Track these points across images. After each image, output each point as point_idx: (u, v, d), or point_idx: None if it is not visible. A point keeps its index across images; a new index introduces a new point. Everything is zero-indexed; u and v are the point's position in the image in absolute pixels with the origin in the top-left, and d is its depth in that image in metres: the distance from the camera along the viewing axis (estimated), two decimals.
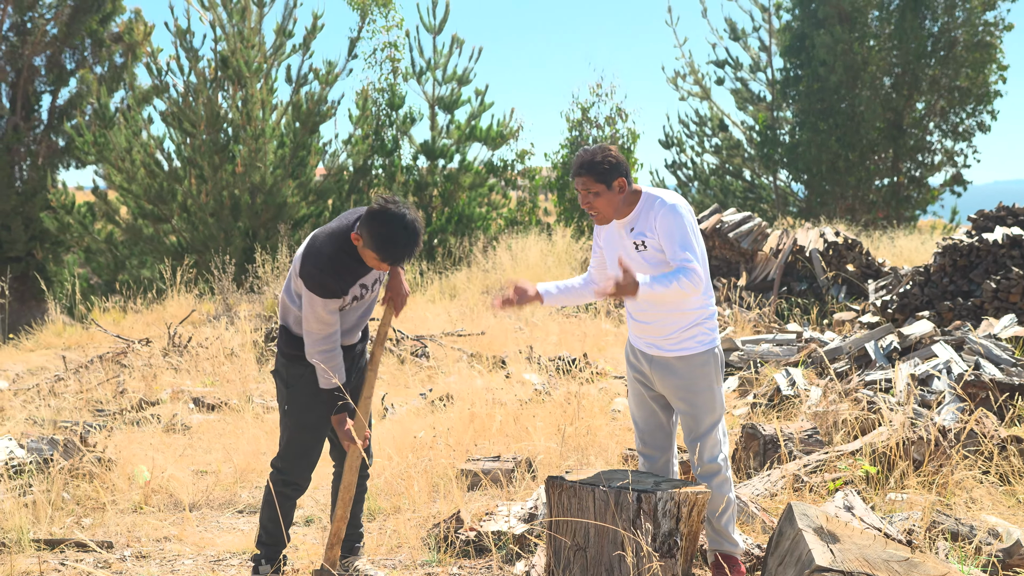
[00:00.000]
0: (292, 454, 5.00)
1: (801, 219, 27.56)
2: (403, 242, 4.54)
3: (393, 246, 4.54)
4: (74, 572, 5.40)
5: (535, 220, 24.31)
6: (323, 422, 4.97)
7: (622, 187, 4.75)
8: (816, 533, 4.15)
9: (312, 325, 4.72)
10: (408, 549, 5.63)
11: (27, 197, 25.62)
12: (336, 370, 4.76)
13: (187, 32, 20.10)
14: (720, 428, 4.85)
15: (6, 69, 26.33)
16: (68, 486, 6.73)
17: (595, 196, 4.76)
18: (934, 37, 27.62)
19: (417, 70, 23.64)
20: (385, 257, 4.58)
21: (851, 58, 27.35)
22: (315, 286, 4.63)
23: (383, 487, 6.64)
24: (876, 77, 27.69)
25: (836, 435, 7.10)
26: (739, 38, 30.37)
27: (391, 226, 4.52)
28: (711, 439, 4.81)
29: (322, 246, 4.69)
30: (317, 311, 4.68)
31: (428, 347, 11.58)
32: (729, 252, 14.44)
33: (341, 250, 4.68)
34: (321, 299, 4.65)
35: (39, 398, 9.73)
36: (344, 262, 4.68)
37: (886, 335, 8.91)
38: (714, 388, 4.82)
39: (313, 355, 4.75)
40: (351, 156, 22.16)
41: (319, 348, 4.74)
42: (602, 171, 4.73)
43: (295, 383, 4.94)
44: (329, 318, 4.71)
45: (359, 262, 4.72)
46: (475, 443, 7.37)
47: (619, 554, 4.45)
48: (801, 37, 28.22)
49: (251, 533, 6.17)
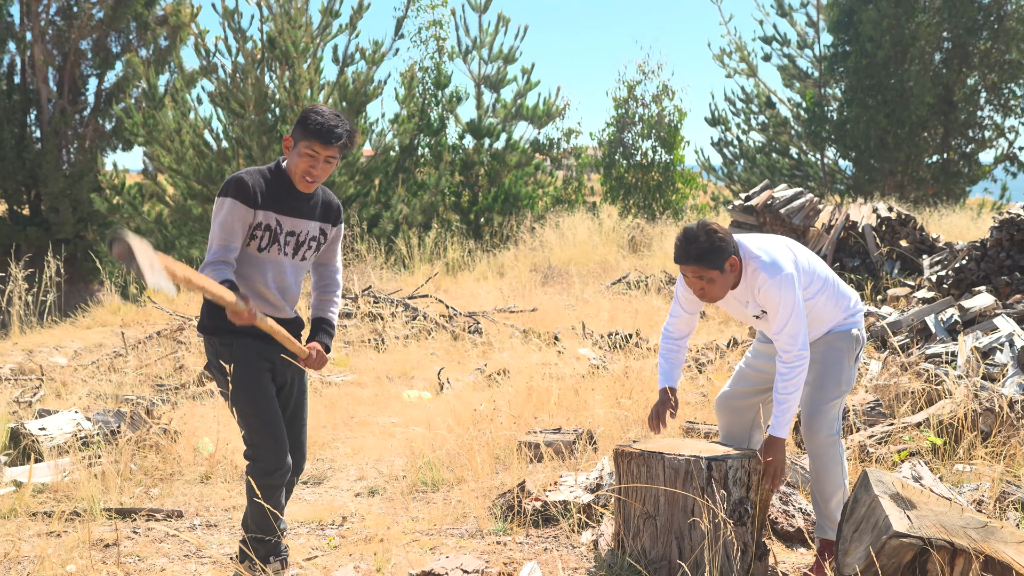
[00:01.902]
0: (259, 440, 4.55)
1: (849, 196, 27.31)
2: (332, 117, 4.38)
3: (323, 119, 4.36)
4: (147, 540, 5.49)
5: (581, 199, 24.26)
6: (271, 393, 4.59)
7: (733, 265, 4.51)
8: (892, 499, 4.13)
9: (215, 236, 4.34)
10: (474, 519, 5.66)
11: (75, 180, 25.89)
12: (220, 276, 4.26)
13: (235, 12, 20.16)
14: (839, 406, 4.71)
15: (53, 53, 26.59)
16: (135, 457, 6.83)
17: (709, 282, 4.52)
18: (984, 10, 27.19)
19: (463, 49, 23.63)
20: (316, 134, 4.36)
21: (899, 33, 27.00)
22: (226, 187, 4.34)
23: (444, 459, 6.68)
24: (925, 52, 27.31)
25: (899, 407, 7.05)
26: (786, 14, 30.04)
27: (320, 109, 4.40)
28: (828, 415, 4.67)
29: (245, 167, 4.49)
30: (223, 217, 4.33)
31: (481, 324, 11.61)
32: (780, 228, 14.33)
33: (267, 170, 4.50)
34: (231, 200, 4.33)
35: (100, 373, 9.86)
36: (265, 178, 4.45)
37: (947, 308, 8.83)
38: (843, 364, 4.71)
39: (204, 268, 4.28)
40: (397, 136, 22.18)
41: (214, 259, 4.32)
42: (713, 258, 4.44)
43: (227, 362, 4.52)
44: (234, 227, 4.35)
45: (283, 187, 4.47)
46: (535, 416, 7.39)
47: (693, 520, 4.45)
48: (849, 12, 27.88)
49: (317, 503, 6.24)
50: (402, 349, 10.68)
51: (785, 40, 30.16)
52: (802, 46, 30.18)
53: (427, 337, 11.21)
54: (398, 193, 21.50)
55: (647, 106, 23.75)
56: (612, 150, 23.92)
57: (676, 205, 23.11)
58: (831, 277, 4.73)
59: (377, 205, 21.00)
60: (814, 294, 4.63)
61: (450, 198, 22.77)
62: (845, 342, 4.70)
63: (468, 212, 22.68)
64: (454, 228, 21.24)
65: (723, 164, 30.38)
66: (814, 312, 4.65)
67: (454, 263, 17.93)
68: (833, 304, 4.70)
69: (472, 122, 23.31)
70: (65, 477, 6.35)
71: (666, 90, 23.77)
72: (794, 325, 4.44)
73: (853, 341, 4.72)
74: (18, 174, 25.82)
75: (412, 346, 10.79)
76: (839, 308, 4.72)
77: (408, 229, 20.67)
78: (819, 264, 4.73)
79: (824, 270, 4.73)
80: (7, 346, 12.14)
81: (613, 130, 23.98)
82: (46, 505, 6.05)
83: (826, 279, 4.69)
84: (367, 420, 8.13)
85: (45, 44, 26.47)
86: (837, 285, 4.74)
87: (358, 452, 7.29)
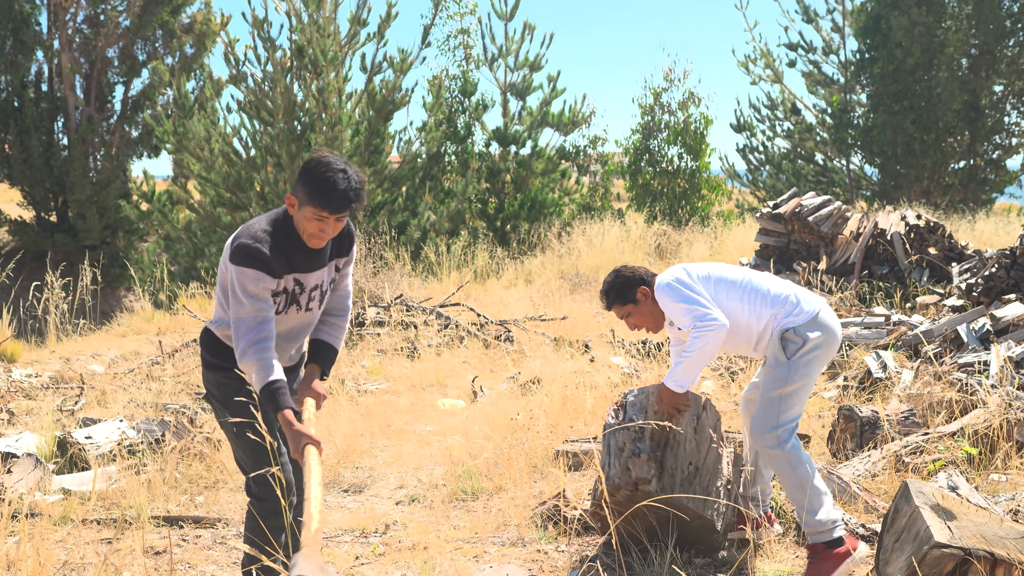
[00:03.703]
0: (265, 477, 4.32)
1: (875, 203, 27.29)
2: (341, 180, 4.03)
3: (332, 186, 4.02)
4: (195, 547, 5.61)
5: (607, 205, 24.34)
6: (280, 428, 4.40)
7: (646, 293, 5.05)
8: (933, 510, 4.20)
9: (245, 309, 4.07)
10: (516, 527, 5.75)
11: (101, 187, 26.17)
12: (267, 365, 4.04)
13: (264, 21, 20.35)
14: (781, 406, 4.87)
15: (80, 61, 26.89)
16: (180, 466, 6.96)
17: (631, 316, 5.12)
18: (1013, 17, 27.13)
19: (489, 57, 23.77)
20: (325, 203, 4.03)
21: (928, 40, 26.96)
22: (247, 258, 4.04)
23: (482, 467, 6.77)
24: (953, 58, 27.27)
25: (932, 417, 7.10)
26: (811, 20, 30.05)
27: (326, 168, 4.05)
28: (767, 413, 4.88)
29: (254, 224, 4.16)
30: (249, 288, 4.06)
31: (512, 332, 11.70)
32: (808, 236, 14.37)
33: (277, 228, 4.17)
34: (254, 272, 4.06)
35: (139, 382, 10.01)
36: (278, 240, 4.14)
37: (979, 317, 8.87)
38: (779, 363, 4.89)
39: (247, 351, 4.04)
40: (424, 143, 22.32)
41: (253, 338, 4.05)
42: (621, 291, 5.07)
43: (230, 400, 4.35)
44: (263, 295, 4.09)
45: (295, 245, 4.18)
46: (570, 425, 7.47)
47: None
48: (876, 19, 27.84)
49: (358, 511, 6.35)
50: (435, 357, 10.79)
51: (810, 46, 30.17)
52: (827, 52, 30.18)
53: (459, 345, 11.31)
54: (425, 200, 21.63)
55: (673, 113, 23.81)
56: (638, 157, 23.99)
57: (702, 212, 23.15)
58: (756, 283, 4.99)
59: (405, 212, 21.14)
60: (731, 303, 4.93)
61: (476, 205, 22.89)
62: (775, 345, 4.90)
63: (495, 219, 22.79)
64: (481, 235, 21.34)
65: (748, 170, 30.41)
66: (743, 315, 4.95)
67: (482, 270, 18.04)
68: (758, 307, 4.94)
69: (498, 129, 23.43)
70: (112, 485, 6.48)
71: (692, 97, 23.82)
72: (683, 308, 4.83)
73: (783, 340, 4.88)
74: (46, 181, 26.14)
75: (445, 354, 10.90)
76: (769, 308, 4.93)
77: (435, 236, 20.80)
78: (739, 274, 5.02)
79: (744, 277, 5.01)
80: (44, 354, 12.31)
81: (639, 137, 24.05)
82: (95, 513, 6.17)
83: (745, 286, 4.97)
84: (404, 428, 8.23)
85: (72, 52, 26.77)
86: (764, 289, 4.98)
87: (396, 460, 7.40)
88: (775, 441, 4.82)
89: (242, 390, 4.30)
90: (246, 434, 4.29)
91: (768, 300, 4.94)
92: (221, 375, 4.36)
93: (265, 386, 4.01)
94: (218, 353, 4.37)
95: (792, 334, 4.85)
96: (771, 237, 14.41)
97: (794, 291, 4.99)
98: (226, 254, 4.15)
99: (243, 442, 4.33)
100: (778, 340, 4.88)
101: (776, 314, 4.90)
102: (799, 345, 4.84)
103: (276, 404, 4.01)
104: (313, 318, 4.42)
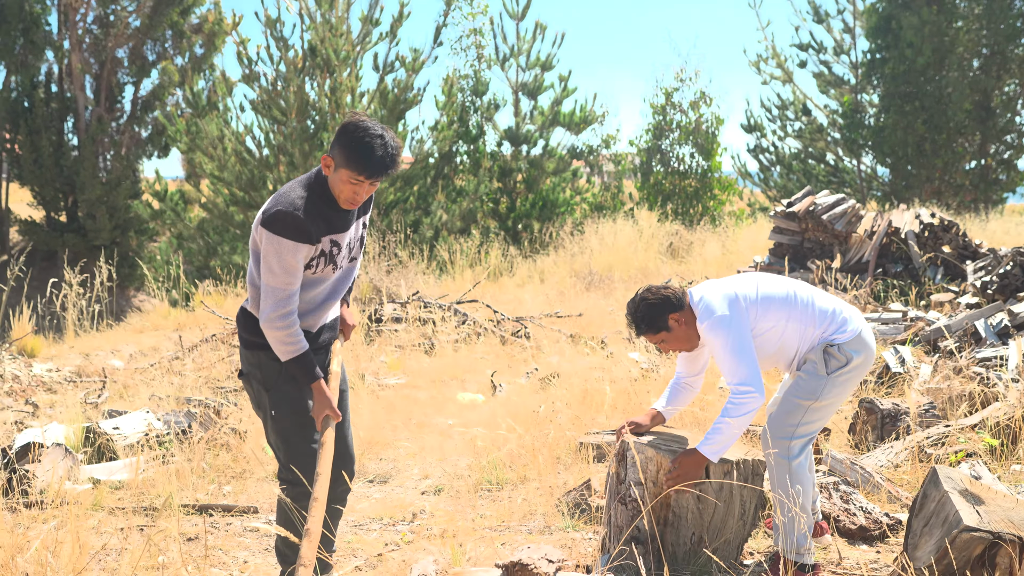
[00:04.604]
0: (304, 462, 4.34)
1: (886, 203, 27.30)
2: (379, 146, 4.07)
3: (370, 151, 4.05)
4: (226, 534, 5.67)
5: (618, 205, 24.39)
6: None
7: (678, 320, 4.78)
8: (962, 495, 4.25)
9: (277, 279, 4.11)
10: (542, 516, 5.81)
11: (111, 187, 26.25)
12: (296, 337, 4.17)
13: (277, 21, 20.44)
14: (801, 420, 4.76)
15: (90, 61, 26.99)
16: (207, 456, 7.03)
17: (664, 342, 4.84)
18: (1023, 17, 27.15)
19: (501, 56, 23.82)
20: (362, 167, 4.07)
21: (939, 40, 26.97)
22: (285, 228, 4.06)
23: (506, 459, 6.83)
24: (964, 58, 27.28)
25: (952, 411, 7.15)
26: (822, 20, 30.07)
27: (364, 132, 4.07)
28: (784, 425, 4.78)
29: (290, 191, 4.16)
30: (285, 259, 4.08)
31: (528, 328, 11.76)
32: (822, 234, 14.42)
33: (312, 192, 4.18)
34: (292, 243, 4.08)
35: (160, 376, 10.09)
36: (316, 204, 4.16)
37: (996, 313, 8.91)
38: (814, 375, 4.75)
39: (273, 320, 4.13)
40: (436, 142, 22.37)
41: (280, 311, 4.13)
42: (652, 323, 4.77)
43: (273, 382, 4.34)
44: (297, 267, 4.13)
45: (331, 207, 4.22)
46: (592, 417, 7.53)
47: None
48: (887, 19, 27.86)
49: (385, 500, 6.41)
50: (452, 353, 10.85)
51: (821, 47, 30.18)
52: (838, 52, 30.20)
53: (476, 341, 11.38)
54: (437, 199, 21.70)
55: (685, 112, 23.86)
56: (649, 156, 24.04)
57: (713, 211, 23.20)
58: (803, 299, 4.79)
59: (417, 211, 21.21)
60: (777, 323, 4.74)
61: (488, 204, 22.95)
62: (818, 355, 4.75)
63: (506, 218, 22.85)
64: (492, 234, 21.40)
65: (759, 170, 30.44)
66: (782, 339, 4.78)
67: (495, 269, 18.10)
68: (804, 326, 4.76)
69: (510, 129, 23.50)
70: (141, 474, 6.55)
71: (704, 97, 23.87)
72: (731, 362, 4.59)
73: (826, 354, 4.74)
74: (56, 181, 26.23)
75: (462, 350, 10.96)
76: (815, 327, 4.77)
77: (448, 235, 20.87)
78: (784, 289, 4.81)
79: (791, 293, 4.80)
80: (63, 349, 12.40)
81: (650, 136, 24.10)
82: (124, 501, 6.24)
83: (792, 303, 4.76)
84: (425, 421, 8.30)
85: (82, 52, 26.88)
86: (811, 305, 4.78)
87: (420, 452, 7.46)
88: (785, 451, 4.72)
89: (284, 370, 4.29)
90: (286, 416, 4.31)
91: (815, 318, 4.78)
92: (263, 354, 4.33)
93: (297, 357, 4.17)
94: (257, 332, 4.32)
95: (836, 351, 4.72)
96: (785, 235, 14.46)
97: (840, 306, 4.86)
98: (259, 220, 4.14)
99: (281, 424, 4.33)
100: (821, 352, 4.74)
101: (822, 331, 4.77)
102: (841, 364, 4.71)
103: (310, 375, 4.20)
104: (347, 274, 4.48)
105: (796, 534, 4.71)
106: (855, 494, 5.63)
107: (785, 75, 30.29)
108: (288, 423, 4.33)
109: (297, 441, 4.34)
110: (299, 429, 4.33)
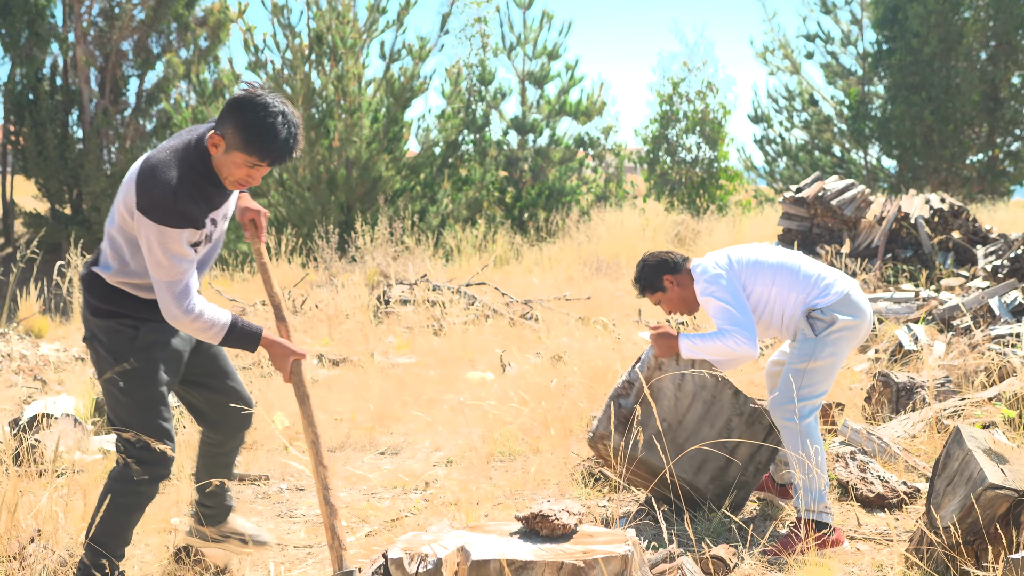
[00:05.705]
0: (149, 427, 3.92)
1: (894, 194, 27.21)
2: (282, 127, 3.63)
3: (273, 133, 3.61)
4: (239, 501, 5.63)
5: (622, 194, 24.33)
6: (169, 374, 4.01)
7: (673, 281, 5.04)
8: (986, 454, 4.20)
9: (166, 271, 3.67)
10: (556, 484, 5.77)
11: (116, 179, 26.18)
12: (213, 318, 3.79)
13: (284, 8, 20.40)
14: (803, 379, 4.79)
15: (95, 54, 26.93)
16: None
17: (662, 302, 5.12)
18: None
19: (507, 45, 23.77)
20: (264, 152, 3.64)
21: (946, 30, 26.87)
22: (169, 216, 3.61)
23: (518, 431, 6.78)
24: (972, 49, 27.18)
25: (968, 386, 7.10)
26: (829, 11, 29.98)
27: (265, 111, 3.61)
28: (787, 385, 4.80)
29: (165, 168, 3.66)
30: (171, 247, 3.64)
31: (537, 311, 11.71)
32: (831, 220, 14.36)
33: (192, 169, 3.72)
34: (177, 231, 3.64)
35: None
36: (197, 184, 3.72)
37: (1010, 291, 8.86)
38: (805, 338, 4.86)
39: (180, 317, 3.73)
40: (442, 131, 22.32)
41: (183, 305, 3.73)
42: (647, 282, 5.08)
43: (121, 351, 3.89)
44: (187, 252, 3.69)
45: (213, 185, 3.78)
46: (604, 392, 7.48)
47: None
48: (893, 9, 27.76)
49: (396, 470, 6.36)
50: (461, 334, 10.80)
51: (828, 37, 30.10)
52: (845, 43, 30.12)
53: (484, 323, 11.33)
54: (443, 188, 21.65)
55: (691, 102, 23.79)
56: (656, 146, 23.98)
57: (720, 201, 23.14)
58: (791, 266, 4.94)
59: (423, 200, 21.16)
60: (764, 287, 4.91)
61: (494, 193, 22.89)
62: (803, 323, 4.87)
63: (512, 207, 22.80)
64: (498, 223, 21.34)
65: (765, 162, 30.36)
66: (769, 304, 4.94)
67: (500, 257, 18.05)
68: (787, 291, 4.90)
69: (516, 118, 23.45)
70: None
71: (711, 87, 23.80)
72: (725, 314, 4.81)
73: (809, 319, 4.84)
74: (60, 173, 26.17)
75: (471, 331, 10.91)
76: (798, 292, 4.89)
77: (454, 223, 20.82)
78: (777, 257, 4.97)
79: (781, 260, 4.96)
80: (71, 330, 12.37)
81: (657, 126, 24.03)
82: None
83: (778, 269, 4.92)
84: (436, 398, 8.25)
85: (87, 45, 26.82)
86: (796, 271, 4.92)
87: (431, 426, 7.41)
88: (789, 413, 4.74)
89: (137, 339, 3.91)
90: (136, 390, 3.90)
91: (798, 283, 4.89)
92: (113, 321, 3.92)
93: (228, 334, 3.83)
94: (108, 298, 3.92)
95: (819, 313, 4.81)
96: (794, 221, 14.40)
97: (825, 271, 4.94)
98: (130, 196, 3.70)
99: (131, 399, 3.90)
100: (804, 319, 4.85)
101: (804, 295, 4.87)
102: (826, 324, 4.79)
103: (251, 337, 3.87)
104: (217, 244, 4.03)
105: (816, 491, 4.70)
106: (872, 463, 5.59)
107: (792, 66, 30.21)
108: (138, 397, 3.91)
109: (146, 417, 3.92)
110: (149, 404, 3.92)
